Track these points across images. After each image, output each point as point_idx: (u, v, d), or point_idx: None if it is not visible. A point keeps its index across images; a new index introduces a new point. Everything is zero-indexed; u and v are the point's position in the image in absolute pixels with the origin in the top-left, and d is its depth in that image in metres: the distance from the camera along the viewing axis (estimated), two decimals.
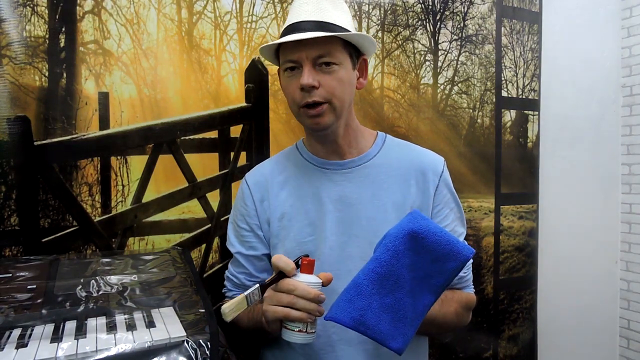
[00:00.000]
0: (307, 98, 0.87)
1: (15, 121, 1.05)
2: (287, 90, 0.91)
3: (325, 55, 0.86)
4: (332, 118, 0.90)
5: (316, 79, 0.86)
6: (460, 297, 0.99)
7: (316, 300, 0.76)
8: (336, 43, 0.88)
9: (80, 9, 1.13)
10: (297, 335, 0.77)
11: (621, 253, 2.08)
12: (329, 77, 0.87)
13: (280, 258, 0.78)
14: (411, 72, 1.57)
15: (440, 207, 0.98)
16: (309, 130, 0.95)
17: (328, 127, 0.91)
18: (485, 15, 1.69)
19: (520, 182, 1.80)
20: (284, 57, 0.90)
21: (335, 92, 0.88)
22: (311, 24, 0.86)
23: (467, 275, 1.01)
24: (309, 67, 0.86)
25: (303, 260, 0.79)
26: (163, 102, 1.21)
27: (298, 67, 0.88)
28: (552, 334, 1.91)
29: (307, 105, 0.87)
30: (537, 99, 1.84)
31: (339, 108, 0.90)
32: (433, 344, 1.58)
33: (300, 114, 0.91)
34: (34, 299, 0.80)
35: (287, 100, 0.93)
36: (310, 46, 0.85)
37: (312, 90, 0.86)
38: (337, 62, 0.87)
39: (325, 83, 0.87)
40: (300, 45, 0.86)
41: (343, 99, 0.90)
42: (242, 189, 1.03)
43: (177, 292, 0.86)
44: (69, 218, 1.12)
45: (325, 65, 0.86)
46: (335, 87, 0.87)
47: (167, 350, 0.68)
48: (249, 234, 1.01)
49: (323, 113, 0.88)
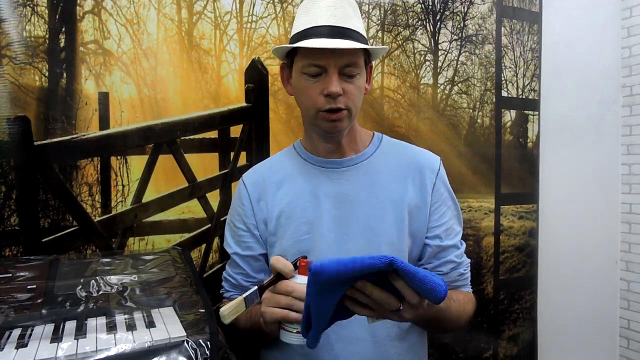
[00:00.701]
0: (331, 104, 0.88)
1: (15, 121, 1.05)
2: (307, 94, 0.90)
3: (351, 65, 0.88)
4: (348, 123, 0.92)
5: (341, 86, 0.87)
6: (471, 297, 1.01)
7: None
8: (360, 53, 0.89)
9: (80, 9, 1.13)
10: (295, 337, 0.77)
11: (621, 253, 2.08)
12: (351, 86, 0.89)
13: (279, 260, 0.78)
14: (411, 72, 1.57)
15: (438, 205, 0.98)
16: (324, 132, 0.95)
17: (343, 130, 0.94)
18: (485, 15, 1.69)
19: (520, 182, 1.80)
20: (308, 60, 0.88)
21: (355, 100, 0.90)
22: (341, 30, 0.87)
23: (467, 273, 1.01)
24: (337, 75, 0.87)
25: (301, 262, 0.79)
26: (163, 102, 1.21)
27: (321, 73, 0.88)
28: (552, 334, 1.91)
29: (329, 110, 0.89)
30: (537, 99, 1.84)
31: (354, 114, 0.93)
32: (433, 344, 1.58)
33: (318, 117, 0.91)
34: (34, 299, 0.80)
35: (303, 101, 0.93)
36: (339, 55, 0.86)
37: (337, 97, 0.87)
38: (359, 72, 0.89)
39: (348, 91, 0.88)
40: (330, 51, 0.85)
41: (358, 105, 0.93)
42: (239, 189, 1.04)
43: (177, 292, 0.86)
44: (69, 218, 1.12)
45: (348, 74, 0.88)
46: (355, 95, 0.90)
47: (167, 350, 0.68)
48: (245, 234, 1.01)
49: (342, 119, 0.90)
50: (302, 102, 0.93)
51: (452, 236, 0.99)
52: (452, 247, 0.99)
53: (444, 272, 0.98)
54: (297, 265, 0.79)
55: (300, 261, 0.79)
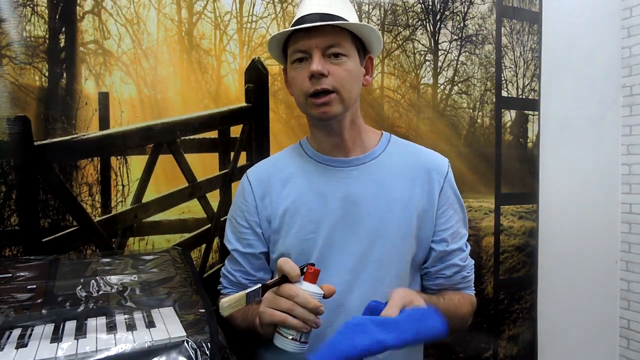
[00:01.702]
0: (315, 85, 0.87)
1: (15, 121, 1.05)
2: (295, 81, 0.91)
3: (334, 45, 0.87)
4: (340, 108, 0.90)
5: (325, 67, 0.87)
6: (471, 299, 1.00)
7: (315, 311, 0.75)
8: (345, 35, 0.89)
9: (80, 9, 1.13)
10: (290, 344, 0.76)
11: (621, 253, 2.08)
12: (338, 68, 0.88)
13: (287, 262, 0.77)
14: (411, 72, 1.57)
15: (445, 208, 0.97)
16: (316, 120, 0.94)
17: (335, 116, 0.91)
18: (485, 15, 1.69)
19: (520, 182, 1.80)
20: (293, 48, 0.90)
21: (343, 83, 0.88)
22: (320, 15, 0.88)
23: (470, 276, 1.01)
24: (318, 55, 0.87)
25: (309, 269, 0.78)
26: (163, 102, 1.21)
27: (307, 58, 0.88)
28: (552, 334, 1.91)
29: (315, 94, 0.88)
30: (537, 99, 1.84)
31: (346, 99, 0.90)
32: (433, 344, 1.58)
33: (307, 103, 0.90)
34: (34, 299, 0.80)
35: (295, 93, 0.93)
36: (320, 36, 0.86)
37: (321, 78, 0.87)
38: (345, 54, 0.89)
39: (334, 72, 0.87)
40: (310, 35, 0.87)
41: (351, 90, 0.90)
42: (242, 185, 1.02)
43: (177, 292, 0.86)
44: (69, 218, 1.12)
45: (334, 56, 0.88)
46: (343, 77, 0.88)
47: (167, 350, 0.68)
48: (247, 231, 1.00)
49: (331, 102, 0.88)
50: (294, 92, 0.94)
51: (457, 240, 0.98)
52: (457, 251, 0.98)
53: (447, 275, 0.98)
54: (304, 271, 0.78)
55: (307, 268, 0.78)
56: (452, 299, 0.96)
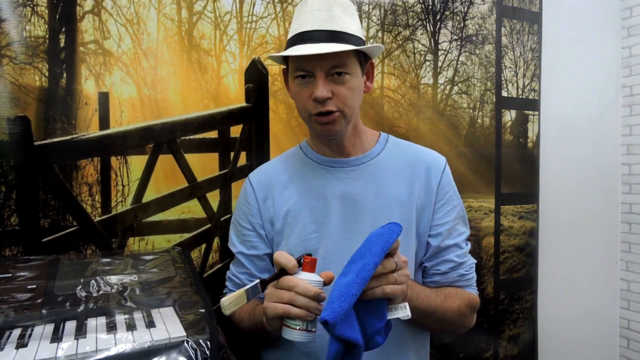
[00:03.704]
0: (320, 108, 0.87)
1: (15, 121, 1.05)
2: (298, 98, 0.92)
3: (338, 66, 0.87)
4: (343, 125, 0.91)
5: (329, 89, 0.86)
6: (464, 295, 0.98)
7: (316, 298, 0.76)
8: (349, 53, 0.88)
9: (80, 9, 1.13)
10: (298, 334, 0.76)
11: (621, 253, 2.08)
12: (342, 87, 0.88)
13: (282, 255, 0.78)
14: (411, 72, 1.57)
15: (442, 204, 0.98)
16: (320, 136, 0.96)
17: (338, 133, 0.93)
18: (485, 15, 1.69)
19: (520, 182, 1.80)
20: (295, 65, 0.89)
21: (347, 102, 0.89)
22: (325, 34, 0.86)
23: (469, 274, 1.00)
24: (322, 78, 0.86)
25: (305, 259, 0.79)
26: (163, 102, 1.21)
27: (310, 76, 0.88)
28: (552, 334, 1.91)
29: (319, 113, 0.88)
30: (537, 99, 1.84)
31: (349, 115, 0.91)
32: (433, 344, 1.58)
33: (311, 121, 0.91)
34: (34, 299, 0.80)
35: (297, 106, 0.94)
36: (324, 58, 0.85)
37: (325, 101, 0.87)
38: (349, 72, 0.88)
39: (338, 93, 0.87)
40: (314, 56, 0.85)
41: (353, 106, 0.91)
42: (245, 188, 1.04)
43: (177, 292, 0.86)
44: (69, 218, 1.12)
45: (337, 75, 0.87)
46: (347, 96, 0.88)
47: (167, 350, 0.68)
48: (251, 233, 1.01)
49: (334, 121, 0.89)
50: (297, 106, 0.94)
51: (454, 236, 0.99)
52: (454, 247, 0.98)
53: (442, 271, 0.98)
54: (301, 262, 0.79)
55: (304, 258, 0.79)
56: (442, 290, 0.96)
